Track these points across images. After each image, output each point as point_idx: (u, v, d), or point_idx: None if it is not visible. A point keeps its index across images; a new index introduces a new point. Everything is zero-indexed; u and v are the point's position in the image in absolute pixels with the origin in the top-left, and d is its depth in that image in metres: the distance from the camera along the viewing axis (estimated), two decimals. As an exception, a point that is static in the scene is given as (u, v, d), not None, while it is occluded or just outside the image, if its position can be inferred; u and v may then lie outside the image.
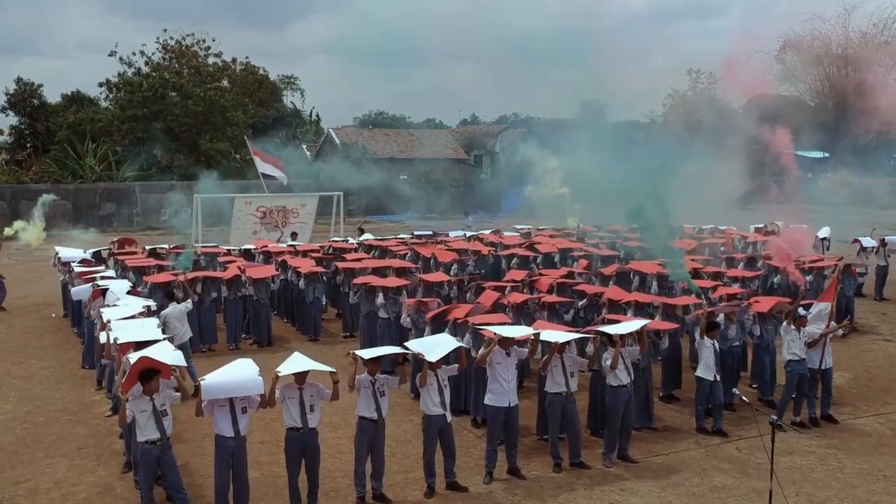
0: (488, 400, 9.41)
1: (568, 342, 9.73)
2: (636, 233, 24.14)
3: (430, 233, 24.29)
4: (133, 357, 8.29)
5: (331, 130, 61.09)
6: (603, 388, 10.68)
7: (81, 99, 53.00)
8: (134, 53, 48.73)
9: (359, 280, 14.90)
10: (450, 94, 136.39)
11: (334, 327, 17.75)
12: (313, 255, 18.97)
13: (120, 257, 18.22)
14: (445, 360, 9.04)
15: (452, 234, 24.31)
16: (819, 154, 57.86)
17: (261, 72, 54.52)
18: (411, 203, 51.57)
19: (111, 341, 9.62)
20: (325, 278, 17.66)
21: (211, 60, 50.92)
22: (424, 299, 13.08)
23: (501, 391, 9.29)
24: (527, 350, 9.57)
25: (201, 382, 8.03)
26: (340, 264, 17.18)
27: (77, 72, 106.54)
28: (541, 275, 15.79)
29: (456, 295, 15.38)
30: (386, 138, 60.99)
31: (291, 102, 68.87)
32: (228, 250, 20.61)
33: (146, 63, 48.18)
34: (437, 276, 15.38)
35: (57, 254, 18.85)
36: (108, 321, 10.48)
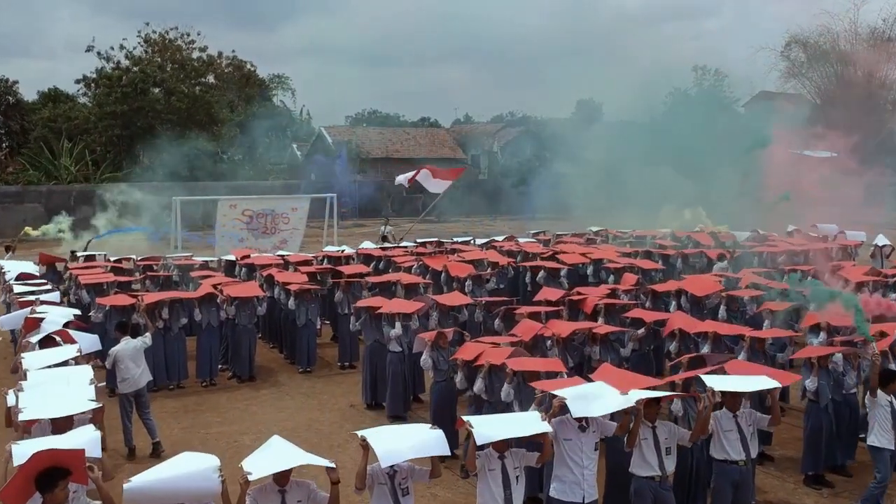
0: (554, 491, 6.64)
1: (659, 404, 6.99)
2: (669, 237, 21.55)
3: (435, 239, 21.44)
4: (26, 448, 5.46)
5: (322, 129, 58.26)
6: (695, 457, 7.98)
7: (58, 96, 50.00)
8: (113, 48, 45.76)
9: (362, 303, 12.08)
10: (443, 94, 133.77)
11: (331, 353, 14.94)
12: (305, 269, 16.18)
13: (74, 272, 15.33)
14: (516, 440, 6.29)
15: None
16: (826, 153, 55.66)
17: (248, 66, 51.55)
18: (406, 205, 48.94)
19: (17, 407, 6.79)
20: (319, 295, 14.92)
21: (196, 55, 47.98)
22: (444, 330, 10.29)
23: (573, 480, 6.54)
24: (614, 425, 6.78)
25: (124, 486, 5.23)
26: (343, 281, 14.37)
27: (66, 72, 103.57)
28: (578, 293, 13.05)
29: (481, 321, 12.62)
30: (380, 137, 58.19)
31: (281, 101, 66.06)
32: (205, 262, 17.78)
33: (126, 57, 45.20)
34: (454, 298, 12.56)
35: (1, 267, 16.03)
36: (26, 371, 7.71)
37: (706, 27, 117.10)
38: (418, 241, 21.26)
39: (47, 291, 13.07)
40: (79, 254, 17.65)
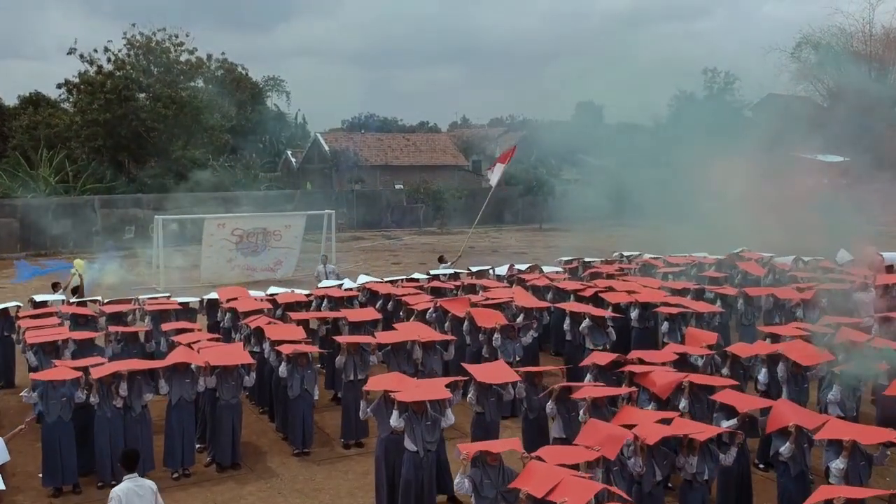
0: None
1: None
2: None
3: (451, 271, 18.76)
4: None
5: (318, 135, 55.63)
6: None
7: (39, 101, 47.27)
8: (96, 50, 43.08)
9: (373, 386, 9.42)
10: (440, 96, 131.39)
11: (332, 421, 12.34)
12: (299, 315, 13.58)
13: (23, 324, 12.66)
14: None
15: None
16: (838, 158, 53.65)
17: (239, 70, 48.89)
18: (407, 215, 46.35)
19: None
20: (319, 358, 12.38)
21: (184, 58, 45.34)
22: (492, 447, 7.63)
23: None
24: None
25: None
26: (344, 339, 11.75)
27: (58, 74, 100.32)
28: (640, 361, 10.46)
29: (522, 395, 9.96)
30: (379, 143, 55.57)
31: (275, 104, 63.48)
32: (185, 303, 15.12)
33: (109, 60, 42.54)
34: (498, 372, 9.86)
35: None
36: None
37: (702, 28, 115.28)
38: (431, 272, 18.61)
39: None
40: (37, 299, 14.94)
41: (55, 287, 16.95)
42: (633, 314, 14.21)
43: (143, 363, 10.54)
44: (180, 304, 14.84)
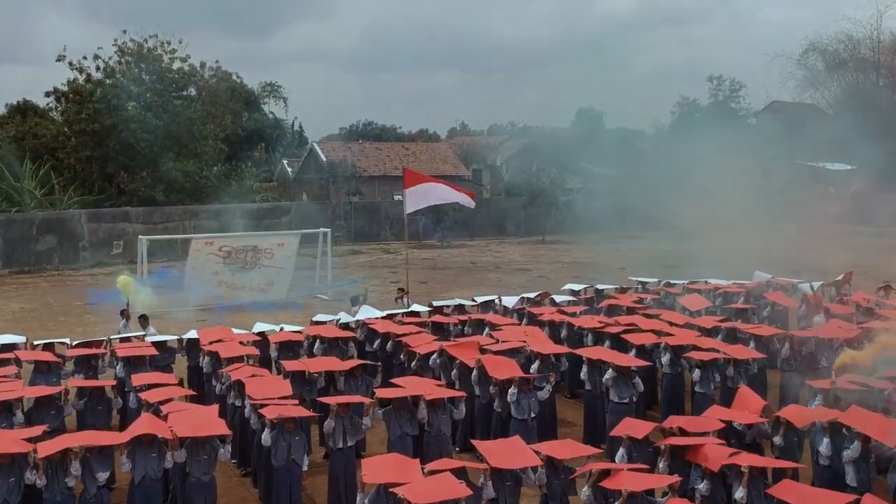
0: None
1: None
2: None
3: (456, 302, 17.19)
4: None
5: (315, 144, 54.16)
6: None
7: (27, 109, 45.73)
8: (85, 57, 41.60)
9: (372, 474, 7.83)
10: (438, 101, 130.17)
11: (325, 486, 10.80)
12: (291, 365, 12.01)
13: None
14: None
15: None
16: (845, 166, 52.44)
17: (234, 78, 47.41)
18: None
19: None
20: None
21: (176, 65, 43.86)
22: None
23: None
24: None
25: None
26: (333, 400, 10.19)
27: (56, 79, 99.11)
28: (682, 431, 8.97)
29: (544, 481, 8.41)
30: (377, 153, 54.08)
31: (271, 112, 62.08)
32: (162, 342, 13.59)
33: (98, 69, 41.07)
34: (514, 454, 8.29)
35: None
36: None
37: (700, 33, 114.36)
38: (434, 304, 17.05)
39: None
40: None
41: (123, 314, 15.59)
42: (664, 359, 12.73)
43: (99, 436, 8.98)
44: (156, 343, 13.32)
